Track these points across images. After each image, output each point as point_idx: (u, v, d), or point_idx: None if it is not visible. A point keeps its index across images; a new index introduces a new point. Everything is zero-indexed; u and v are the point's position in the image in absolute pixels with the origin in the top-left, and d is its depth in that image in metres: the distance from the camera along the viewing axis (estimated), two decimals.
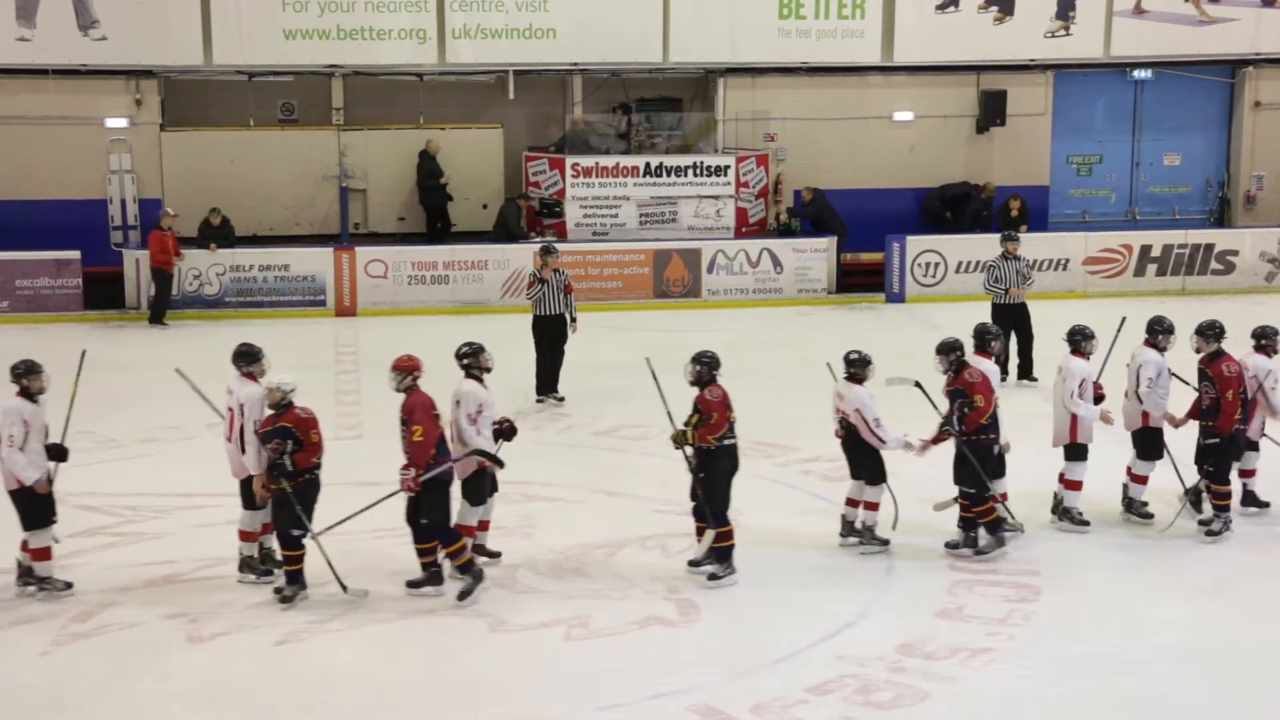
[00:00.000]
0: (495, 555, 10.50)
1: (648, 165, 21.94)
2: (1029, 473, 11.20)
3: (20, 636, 9.25)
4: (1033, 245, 16.28)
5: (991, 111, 23.31)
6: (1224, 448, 10.67)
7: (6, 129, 21.67)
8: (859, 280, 22.06)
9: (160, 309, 20.01)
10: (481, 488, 10.25)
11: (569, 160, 21.85)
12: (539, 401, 15.11)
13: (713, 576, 9.92)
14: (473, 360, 10.23)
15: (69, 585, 9.82)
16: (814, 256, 21.73)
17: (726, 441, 9.82)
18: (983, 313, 16.43)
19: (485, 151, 22.72)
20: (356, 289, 20.72)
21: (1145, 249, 22.10)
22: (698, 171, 22.01)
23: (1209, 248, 22.20)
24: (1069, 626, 9.30)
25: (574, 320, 15.29)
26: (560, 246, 20.17)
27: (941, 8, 22.84)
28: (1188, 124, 24.43)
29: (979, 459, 10.24)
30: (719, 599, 9.76)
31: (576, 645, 9.07)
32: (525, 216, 21.79)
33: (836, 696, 8.26)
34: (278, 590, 9.66)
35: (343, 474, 11.35)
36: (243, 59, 21.69)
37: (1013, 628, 9.26)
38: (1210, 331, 10.86)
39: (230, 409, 9.93)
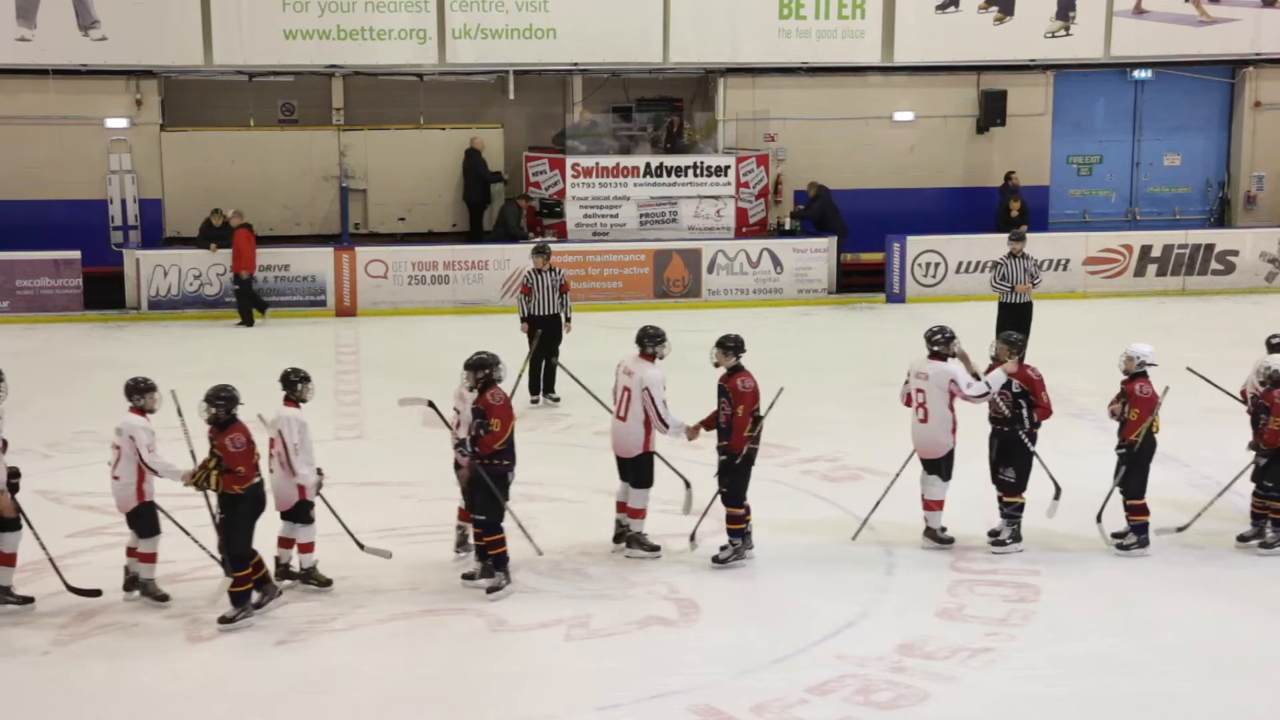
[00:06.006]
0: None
1: (648, 165, 21.93)
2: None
3: (20, 636, 9.24)
4: (1033, 245, 16.28)
5: (992, 111, 23.31)
6: (742, 466, 10.21)
7: (6, 129, 21.69)
8: (859, 280, 22.07)
9: None
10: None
11: (569, 160, 21.85)
12: (533, 402, 15.10)
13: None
14: None
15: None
16: (814, 257, 21.74)
17: (253, 483, 9.40)
18: (984, 312, 16.49)
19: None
20: (356, 289, 20.73)
21: (1145, 249, 22.10)
22: (698, 172, 22.00)
23: (1209, 248, 22.20)
24: (1069, 626, 9.30)
25: (569, 320, 15.26)
26: (561, 247, 20.23)
27: (941, 8, 22.83)
28: (1188, 124, 24.43)
29: (496, 484, 9.79)
30: (719, 599, 9.76)
31: (576, 645, 9.07)
32: (525, 216, 21.80)
33: (836, 696, 8.27)
34: None
35: (343, 474, 11.36)
36: (243, 59, 21.70)
37: (1013, 628, 9.26)
38: (730, 345, 10.25)
39: (627, 389, 10.47)
